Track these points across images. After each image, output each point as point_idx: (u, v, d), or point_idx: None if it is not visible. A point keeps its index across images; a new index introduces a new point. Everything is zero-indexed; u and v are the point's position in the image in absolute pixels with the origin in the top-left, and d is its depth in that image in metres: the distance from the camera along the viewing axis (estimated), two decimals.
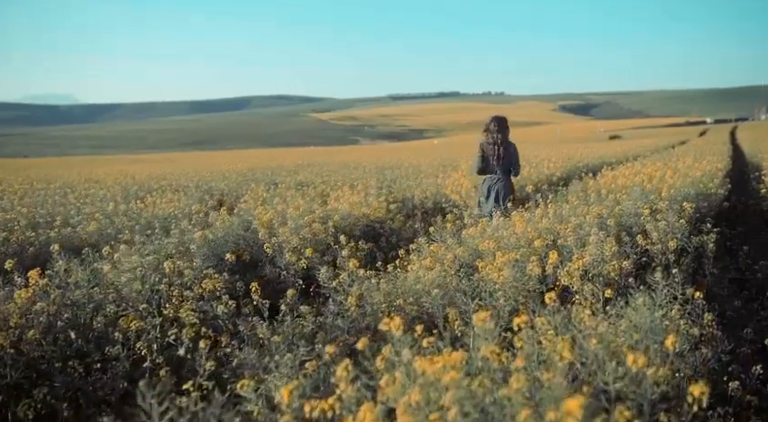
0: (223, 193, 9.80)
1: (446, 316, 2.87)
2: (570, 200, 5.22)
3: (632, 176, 7.75)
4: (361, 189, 7.98)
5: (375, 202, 6.52)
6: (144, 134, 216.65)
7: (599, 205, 5.15)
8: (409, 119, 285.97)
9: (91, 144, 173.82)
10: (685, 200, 5.45)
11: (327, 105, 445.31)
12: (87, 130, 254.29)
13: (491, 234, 3.99)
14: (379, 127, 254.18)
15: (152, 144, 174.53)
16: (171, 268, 3.35)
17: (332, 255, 4.93)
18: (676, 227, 4.13)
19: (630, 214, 4.81)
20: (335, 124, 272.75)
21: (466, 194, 7.49)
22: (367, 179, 10.69)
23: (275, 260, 4.54)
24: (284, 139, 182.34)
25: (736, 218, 8.03)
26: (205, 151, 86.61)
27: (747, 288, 4.96)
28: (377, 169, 14.42)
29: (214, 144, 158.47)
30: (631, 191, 5.74)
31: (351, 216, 5.94)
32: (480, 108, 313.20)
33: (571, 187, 6.98)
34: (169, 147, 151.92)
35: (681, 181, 6.34)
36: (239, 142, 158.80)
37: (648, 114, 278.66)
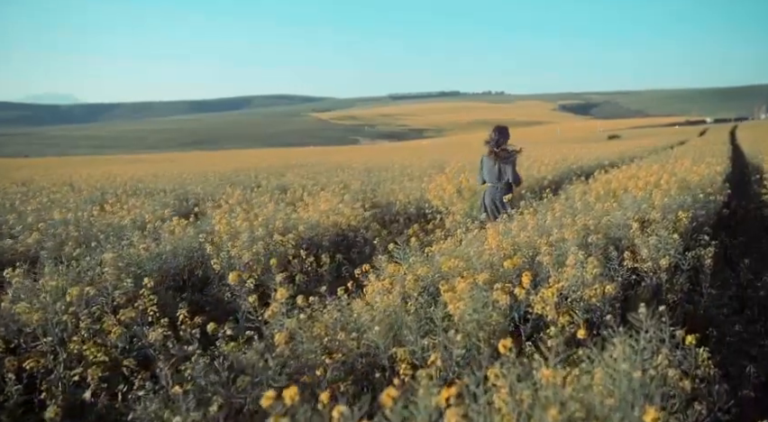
0: (198, 197, 9.35)
1: (394, 357, 2.43)
2: (555, 209, 4.77)
3: (625, 180, 7.30)
4: (337, 194, 7.53)
5: (347, 209, 6.07)
6: (144, 134, 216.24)
7: (587, 214, 4.70)
8: (409, 119, 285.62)
9: (91, 144, 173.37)
10: (681, 209, 5.00)
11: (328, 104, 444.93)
12: (88, 130, 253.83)
13: (460, 252, 3.54)
14: (379, 127, 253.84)
15: (152, 144, 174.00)
16: (77, 294, 2.89)
17: (295, 270, 4.49)
18: (669, 242, 3.68)
19: (620, 225, 4.36)
20: (335, 124, 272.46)
21: (449, 199, 7.04)
22: (350, 182, 10.26)
23: (224, 277, 4.10)
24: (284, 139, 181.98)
25: (737, 225, 7.58)
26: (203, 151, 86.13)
27: (749, 307, 4.51)
28: (366, 170, 13.97)
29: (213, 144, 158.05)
30: (622, 199, 5.29)
31: (319, 226, 5.49)
32: (480, 108, 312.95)
33: (561, 192, 6.53)
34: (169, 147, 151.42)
35: (677, 188, 5.88)
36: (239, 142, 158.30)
37: (648, 113, 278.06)
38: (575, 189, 6.26)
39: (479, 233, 4.48)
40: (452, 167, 13.00)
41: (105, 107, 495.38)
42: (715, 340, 3.68)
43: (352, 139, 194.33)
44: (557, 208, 4.78)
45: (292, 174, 13.22)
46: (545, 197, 5.85)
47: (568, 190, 6.31)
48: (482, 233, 4.40)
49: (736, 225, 7.48)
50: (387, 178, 11.08)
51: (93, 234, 4.92)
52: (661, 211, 4.83)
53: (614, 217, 4.42)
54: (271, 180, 11.89)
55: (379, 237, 6.11)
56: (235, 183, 11.67)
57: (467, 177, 8.86)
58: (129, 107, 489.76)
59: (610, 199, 5.47)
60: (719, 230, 6.36)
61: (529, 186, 8.14)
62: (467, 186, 7.67)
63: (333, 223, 5.60)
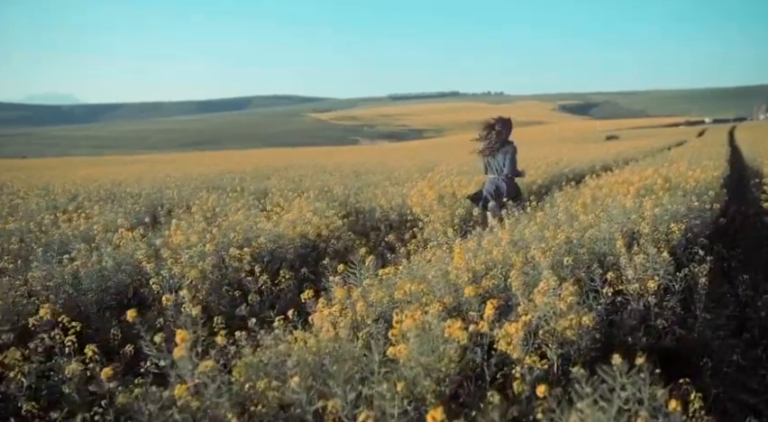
0: (173, 203, 8.94)
1: (321, 412, 2.02)
2: (537, 220, 4.37)
3: (617, 186, 6.91)
4: (313, 200, 7.13)
5: (315, 218, 5.66)
6: (145, 134, 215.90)
7: (571, 226, 4.30)
8: (409, 119, 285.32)
9: (92, 144, 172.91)
10: (673, 220, 4.61)
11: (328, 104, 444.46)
12: (89, 130, 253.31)
13: (421, 273, 3.14)
14: (379, 127, 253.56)
15: (153, 144, 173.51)
16: None
17: (250, 288, 4.09)
18: (657, 262, 3.28)
19: (605, 239, 3.96)
20: (335, 124, 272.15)
21: (429, 206, 6.64)
22: (333, 186, 9.86)
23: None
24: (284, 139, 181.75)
25: (735, 233, 7.17)
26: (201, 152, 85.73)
27: (749, 329, 4.10)
28: (354, 173, 13.57)
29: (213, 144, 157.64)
30: (611, 209, 4.89)
31: (284, 236, 5.09)
32: (479, 108, 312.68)
33: (546, 199, 6.12)
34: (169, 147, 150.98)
35: (671, 196, 5.49)
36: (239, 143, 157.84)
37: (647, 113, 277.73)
38: (561, 197, 5.85)
39: (450, 246, 4.08)
40: (440, 169, 12.64)
41: (106, 108, 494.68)
42: (710, 372, 3.28)
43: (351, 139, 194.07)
44: (539, 220, 4.38)
45: (277, 177, 12.81)
46: (530, 204, 5.44)
47: (554, 198, 5.91)
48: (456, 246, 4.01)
49: (735, 234, 7.08)
50: (372, 181, 10.68)
51: (33, 248, 4.52)
52: (651, 223, 4.43)
53: (599, 230, 4.01)
54: (254, 184, 11.48)
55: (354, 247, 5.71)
56: (217, 187, 11.27)
57: (452, 181, 8.47)
58: (130, 108, 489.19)
59: (597, 209, 5.07)
60: (716, 240, 5.96)
61: None
62: (450, 191, 7.28)
63: (299, 233, 5.20)
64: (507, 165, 5.69)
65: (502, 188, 5.72)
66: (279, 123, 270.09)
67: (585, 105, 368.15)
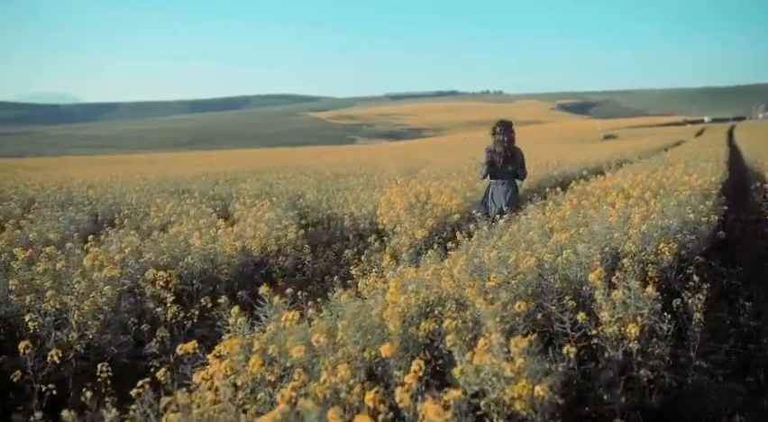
0: (131, 209, 8.30)
1: None
2: (503, 239, 3.75)
3: (605, 192, 6.28)
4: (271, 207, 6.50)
5: (263, 231, 5.03)
6: (143, 134, 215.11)
7: (545, 245, 3.67)
8: (408, 118, 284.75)
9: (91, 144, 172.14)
10: (665, 237, 3.98)
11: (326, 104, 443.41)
12: (87, 129, 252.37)
13: (338, 314, 2.51)
14: (377, 126, 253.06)
15: (151, 144, 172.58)
16: None
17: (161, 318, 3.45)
18: (641, 298, 2.65)
19: (582, 263, 3.33)
20: (334, 124, 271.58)
21: (397, 216, 6.01)
22: (305, 192, 9.22)
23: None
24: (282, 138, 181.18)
25: (736, 244, 6.55)
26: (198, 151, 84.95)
27: (752, 369, 3.47)
28: (334, 175, 12.93)
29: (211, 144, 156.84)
30: (594, 222, 4.26)
31: (223, 254, 4.46)
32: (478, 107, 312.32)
33: (527, 208, 5.48)
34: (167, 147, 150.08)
35: (663, 206, 4.87)
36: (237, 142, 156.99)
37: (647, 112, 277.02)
38: (538, 210, 5.20)
39: (405, 269, 3.45)
40: (424, 172, 12.00)
41: (104, 107, 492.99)
42: None
43: (349, 138, 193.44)
44: (506, 239, 3.75)
45: (253, 180, 12.15)
46: (503, 215, 4.80)
47: (530, 209, 5.27)
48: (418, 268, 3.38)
49: (735, 246, 6.45)
50: (349, 185, 10.04)
51: None
52: (638, 241, 3.80)
53: (576, 252, 3.38)
54: (226, 187, 10.84)
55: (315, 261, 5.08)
56: (185, 190, 10.65)
57: (428, 186, 7.83)
58: (129, 107, 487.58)
59: (579, 222, 4.43)
60: (714, 256, 5.34)
61: None
62: (424, 199, 6.65)
63: (240, 249, 4.56)
64: (521, 170, 5.74)
65: (506, 195, 5.69)
66: (277, 123, 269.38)
67: (584, 104, 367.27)
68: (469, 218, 6.04)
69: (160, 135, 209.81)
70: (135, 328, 3.30)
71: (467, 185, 7.92)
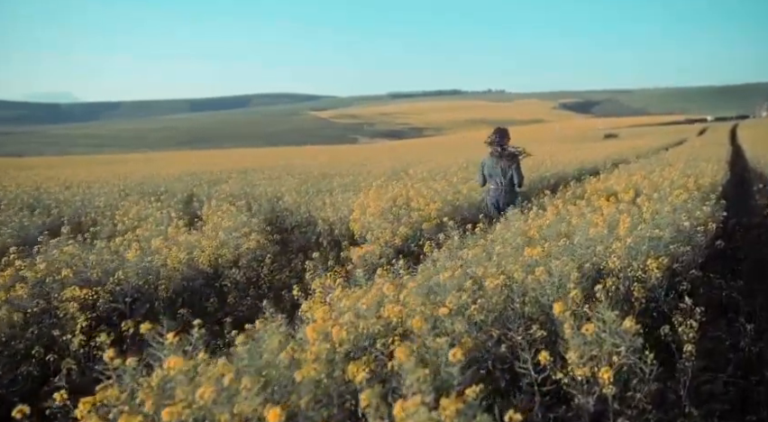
0: (99, 212, 7.87)
1: None
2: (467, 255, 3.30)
3: (595, 197, 5.81)
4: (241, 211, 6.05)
5: (213, 241, 4.57)
6: (144, 133, 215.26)
7: (517, 262, 3.21)
8: (409, 117, 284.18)
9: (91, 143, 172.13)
10: (655, 250, 3.52)
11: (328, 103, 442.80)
12: (88, 128, 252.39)
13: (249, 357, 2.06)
14: (378, 126, 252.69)
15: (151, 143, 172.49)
16: None
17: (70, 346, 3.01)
18: (619, 333, 2.19)
19: (555, 284, 2.87)
20: (335, 123, 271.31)
21: (369, 222, 5.56)
22: (284, 194, 8.77)
23: None
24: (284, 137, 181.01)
25: (736, 251, 6.07)
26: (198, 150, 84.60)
27: (753, 405, 3.00)
28: (321, 175, 12.47)
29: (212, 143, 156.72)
30: (576, 232, 3.80)
31: (165, 267, 4.01)
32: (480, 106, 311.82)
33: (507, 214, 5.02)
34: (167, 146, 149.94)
35: (653, 213, 4.41)
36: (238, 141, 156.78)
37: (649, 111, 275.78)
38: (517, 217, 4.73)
39: (352, 292, 3.01)
40: (413, 172, 11.53)
41: (105, 106, 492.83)
42: None
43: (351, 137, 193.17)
44: (472, 253, 3.29)
45: (235, 181, 11.71)
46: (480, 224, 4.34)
47: (511, 215, 4.80)
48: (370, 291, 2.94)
49: (735, 253, 5.98)
50: (333, 186, 9.58)
51: None
52: (625, 256, 3.34)
53: (550, 270, 2.92)
54: (205, 189, 10.40)
55: (268, 274, 4.63)
56: (163, 192, 10.22)
57: (409, 189, 7.38)
58: (129, 106, 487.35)
59: (561, 232, 3.98)
60: (712, 266, 4.88)
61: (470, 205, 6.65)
62: (401, 203, 6.19)
63: (185, 261, 4.11)
64: (517, 177, 5.74)
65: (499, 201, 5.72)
66: (279, 122, 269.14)
67: (586, 103, 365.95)
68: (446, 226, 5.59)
69: (160, 134, 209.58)
70: (40, 360, 2.85)
71: (451, 187, 7.46)
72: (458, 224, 5.57)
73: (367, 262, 5.03)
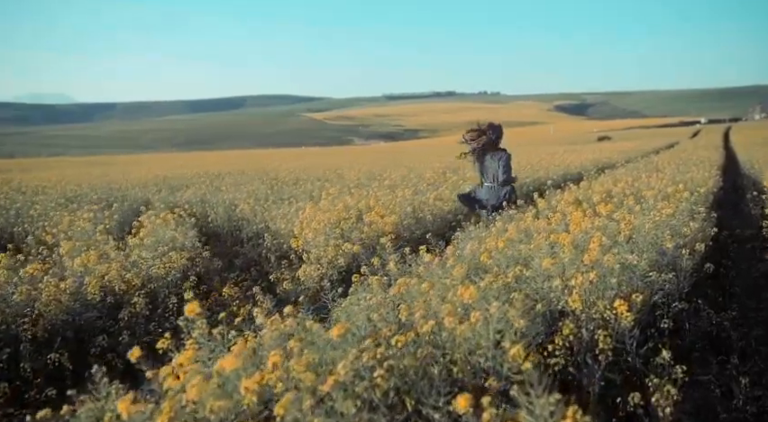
0: (31, 223, 7.16)
1: None
2: (395, 291, 2.62)
3: (574, 207, 5.16)
4: (180, 222, 5.36)
5: (107, 267, 3.87)
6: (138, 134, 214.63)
7: (445, 306, 2.53)
8: (405, 119, 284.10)
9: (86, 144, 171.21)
10: (628, 284, 2.86)
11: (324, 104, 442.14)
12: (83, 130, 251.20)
13: None
14: (374, 127, 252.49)
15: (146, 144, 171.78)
16: None
17: None
18: None
19: (491, 338, 2.20)
20: (331, 124, 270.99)
21: (313, 238, 4.88)
22: (240, 202, 8.07)
23: None
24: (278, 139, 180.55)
25: (728, 270, 5.43)
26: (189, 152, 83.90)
27: None
28: (293, 181, 11.78)
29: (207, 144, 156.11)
30: (534, 257, 3.13)
31: (42, 301, 3.32)
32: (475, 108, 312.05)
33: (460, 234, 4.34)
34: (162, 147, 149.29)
35: (630, 233, 3.75)
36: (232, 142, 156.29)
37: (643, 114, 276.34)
38: (474, 236, 4.05)
39: None
40: (390, 176, 10.86)
41: (100, 107, 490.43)
42: None
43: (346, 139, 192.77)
44: (395, 291, 2.62)
45: (198, 186, 11.00)
46: (423, 249, 3.66)
47: (467, 234, 4.12)
48: None
49: (728, 271, 5.33)
50: (297, 193, 8.90)
51: None
52: (592, 289, 2.67)
53: (489, 315, 2.25)
54: (162, 195, 9.69)
55: (168, 309, 3.93)
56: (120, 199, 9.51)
57: (370, 197, 6.69)
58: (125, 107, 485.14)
59: (518, 256, 3.31)
60: (701, 291, 4.23)
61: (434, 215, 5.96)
62: (355, 214, 5.50)
63: (66, 290, 3.42)
64: (502, 173, 5.63)
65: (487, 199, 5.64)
66: (274, 123, 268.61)
67: (581, 105, 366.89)
68: (397, 245, 4.91)
69: (155, 136, 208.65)
70: None
71: (417, 195, 6.78)
72: (410, 242, 4.91)
73: (305, 287, 4.37)
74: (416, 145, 74.64)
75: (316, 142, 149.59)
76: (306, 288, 4.25)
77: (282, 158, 31.03)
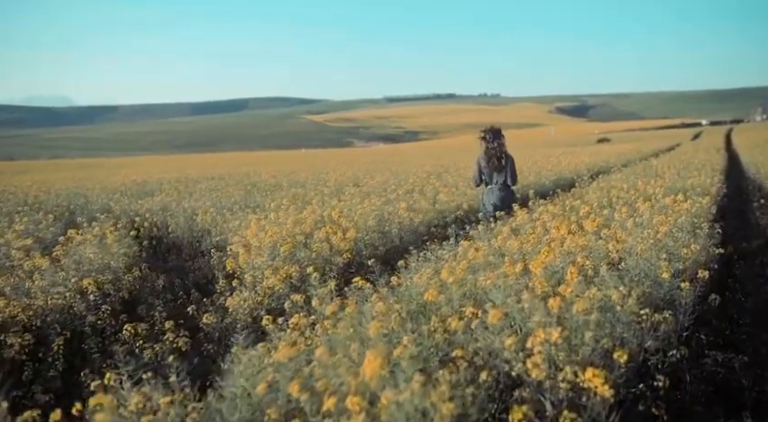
0: None
1: None
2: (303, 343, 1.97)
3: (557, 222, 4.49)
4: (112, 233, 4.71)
5: None
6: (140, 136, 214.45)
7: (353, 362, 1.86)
8: (405, 121, 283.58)
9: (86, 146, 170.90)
10: (611, 336, 2.19)
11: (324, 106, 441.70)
12: (84, 132, 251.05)
13: None
14: (374, 129, 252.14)
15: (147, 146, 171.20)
16: None
17: None
18: None
19: None
20: (331, 126, 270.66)
21: (249, 259, 4.21)
22: (199, 210, 7.41)
23: None
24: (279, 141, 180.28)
25: (734, 294, 4.75)
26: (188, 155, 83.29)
27: None
28: (270, 186, 11.12)
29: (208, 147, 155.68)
30: (491, 295, 2.46)
31: None
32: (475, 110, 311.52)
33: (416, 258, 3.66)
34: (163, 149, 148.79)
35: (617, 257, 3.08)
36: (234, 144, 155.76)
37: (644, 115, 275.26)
38: (431, 261, 3.37)
39: None
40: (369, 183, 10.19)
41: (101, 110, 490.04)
42: None
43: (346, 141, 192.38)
44: (282, 354, 1.95)
45: (167, 192, 10.32)
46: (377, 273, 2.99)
47: (423, 259, 3.45)
48: None
49: (733, 296, 4.65)
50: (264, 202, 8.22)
51: None
52: (554, 354, 2.00)
53: (398, 410, 1.58)
54: (125, 202, 9.03)
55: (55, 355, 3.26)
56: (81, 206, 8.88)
57: (326, 208, 6.02)
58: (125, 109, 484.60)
59: (471, 294, 2.65)
60: (705, 325, 3.56)
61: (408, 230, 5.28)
62: (306, 230, 4.82)
63: None
64: (511, 176, 5.76)
65: (498, 201, 5.70)
66: (275, 125, 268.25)
67: (582, 106, 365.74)
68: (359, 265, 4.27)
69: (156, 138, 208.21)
70: None
71: (386, 205, 6.08)
72: (365, 264, 4.25)
73: (234, 320, 3.70)
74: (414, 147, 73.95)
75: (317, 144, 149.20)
76: (235, 322, 3.58)
77: (273, 161, 30.38)
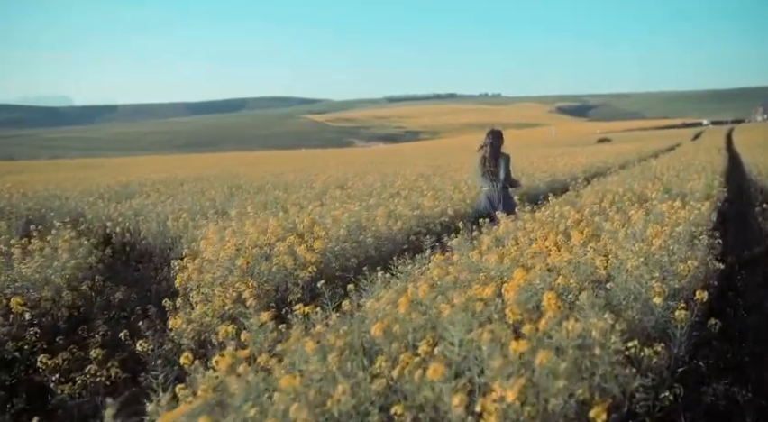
0: None
1: None
2: None
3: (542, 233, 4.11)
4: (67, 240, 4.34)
5: None
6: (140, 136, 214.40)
7: None
8: (405, 121, 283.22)
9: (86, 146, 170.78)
10: (587, 387, 1.82)
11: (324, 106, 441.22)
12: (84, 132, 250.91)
13: None
14: (375, 129, 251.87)
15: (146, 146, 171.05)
16: None
17: None
18: None
19: None
20: (331, 126, 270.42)
21: (199, 275, 3.84)
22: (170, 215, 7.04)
23: None
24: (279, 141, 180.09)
25: (735, 310, 4.37)
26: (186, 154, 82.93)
27: None
28: (255, 189, 10.75)
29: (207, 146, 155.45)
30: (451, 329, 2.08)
31: None
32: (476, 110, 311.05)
33: None
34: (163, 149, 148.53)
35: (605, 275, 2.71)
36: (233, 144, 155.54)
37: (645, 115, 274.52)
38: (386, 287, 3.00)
39: None
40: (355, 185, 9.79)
41: (101, 109, 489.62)
42: None
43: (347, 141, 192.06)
44: None
45: (149, 195, 9.95)
46: None
47: (380, 284, 3.07)
48: None
49: (734, 312, 4.27)
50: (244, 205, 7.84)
51: None
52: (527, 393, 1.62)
53: None
54: (99, 207, 8.66)
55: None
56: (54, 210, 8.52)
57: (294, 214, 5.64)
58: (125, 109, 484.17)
59: (432, 327, 2.27)
60: (702, 350, 3.18)
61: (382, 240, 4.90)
62: (266, 241, 4.44)
63: None
64: (502, 173, 5.73)
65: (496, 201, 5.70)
66: (275, 125, 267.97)
67: (583, 106, 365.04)
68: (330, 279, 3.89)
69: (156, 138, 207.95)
70: None
71: (364, 211, 5.70)
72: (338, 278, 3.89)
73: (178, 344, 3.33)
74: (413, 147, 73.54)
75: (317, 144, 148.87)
76: (179, 347, 3.21)
77: (272, 161, 30.00)
